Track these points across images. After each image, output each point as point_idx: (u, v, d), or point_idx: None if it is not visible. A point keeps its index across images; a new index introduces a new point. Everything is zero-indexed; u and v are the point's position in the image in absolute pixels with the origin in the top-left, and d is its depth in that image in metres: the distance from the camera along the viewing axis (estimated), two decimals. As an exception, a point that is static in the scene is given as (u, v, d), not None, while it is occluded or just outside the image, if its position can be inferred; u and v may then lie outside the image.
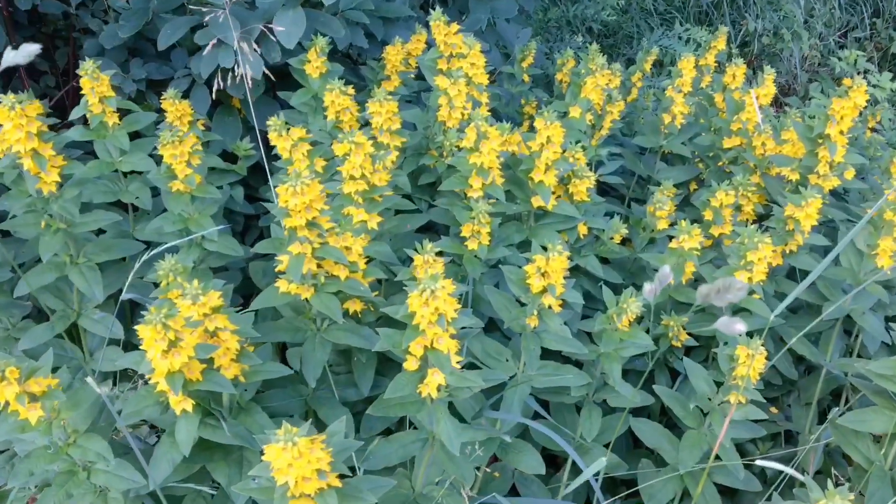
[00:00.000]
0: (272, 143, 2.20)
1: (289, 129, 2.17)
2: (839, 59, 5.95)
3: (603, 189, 3.31)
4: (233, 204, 2.93)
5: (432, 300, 1.59)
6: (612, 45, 6.11)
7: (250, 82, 2.71)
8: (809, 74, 6.20)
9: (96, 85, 2.37)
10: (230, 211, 2.97)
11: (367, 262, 2.09)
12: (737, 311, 2.31)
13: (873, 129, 4.39)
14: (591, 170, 2.89)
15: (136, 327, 1.56)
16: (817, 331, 2.42)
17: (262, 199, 2.90)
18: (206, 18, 2.57)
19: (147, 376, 1.62)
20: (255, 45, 2.66)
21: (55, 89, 3.59)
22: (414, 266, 1.94)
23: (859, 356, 2.51)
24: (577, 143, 2.44)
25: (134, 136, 2.57)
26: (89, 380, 1.48)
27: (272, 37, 2.69)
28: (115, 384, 2.42)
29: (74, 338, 2.48)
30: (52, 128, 2.69)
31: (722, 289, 1.18)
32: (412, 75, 3.09)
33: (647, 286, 1.30)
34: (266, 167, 2.43)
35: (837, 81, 6.03)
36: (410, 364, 1.70)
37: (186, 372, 1.63)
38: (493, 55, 3.80)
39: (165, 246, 2.13)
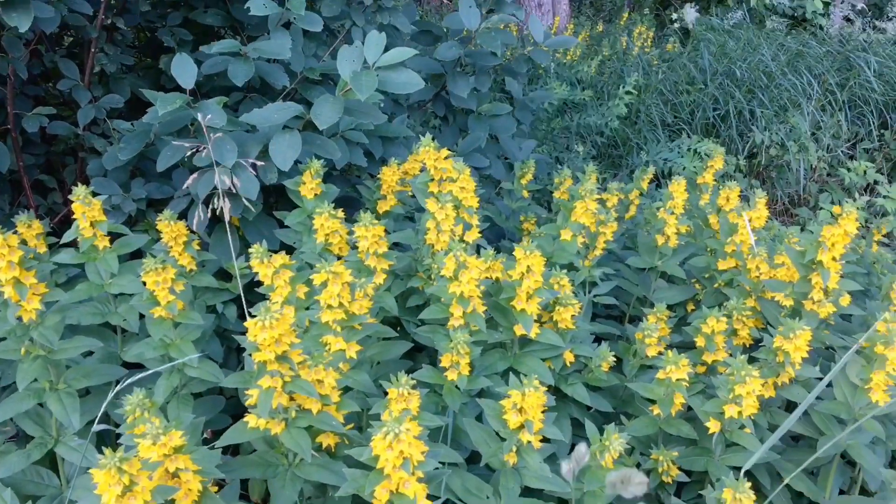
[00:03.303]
0: (254, 270, 2.20)
1: (271, 256, 2.17)
2: (848, 169, 5.96)
3: (602, 307, 3.28)
4: (226, 322, 2.93)
5: (396, 443, 1.55)
6: (619, 155, 6.19)
7: (245, 202, 2.76)
8: (819, 185, 6.21)
9: (87, 210, 2.40)
10: (224, 329, 2.97)
11: (344, 393, 2.05)
12: (729, 445, 2.22)
13: (881, 243, 4.34)
14: (584, 290, 2.87)
15: (90, 470, 1.52)
16: (817, 465, 2.33)
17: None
18: (204, 147, 2.62)
19: (102, 520, 1.57)
20: (251, 167, 2.71)
21: (62, 205, 3.66)
22: (388, 399, 1.90)
23: (862, 490, 2.40)
24: (563, 269, 2.41)
25: (130, 255, 2.61)
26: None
27: (270, 159, 2.74)
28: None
29: (55, 464, 2.44)
30: (51, 247, 2.75)
31: (624, 480, 1.14)
32: (410, 194, 3.12)
33: (564, 465, 1.27)
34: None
35: (847, 192, 6.02)
36: (376, 509, 1.64)
37: (144, 515, 1.58)
38: (496, 168, 3.85)
39: (147, 373, 2.12)
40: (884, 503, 2.21)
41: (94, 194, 2.48)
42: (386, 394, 1.93)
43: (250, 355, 1.84)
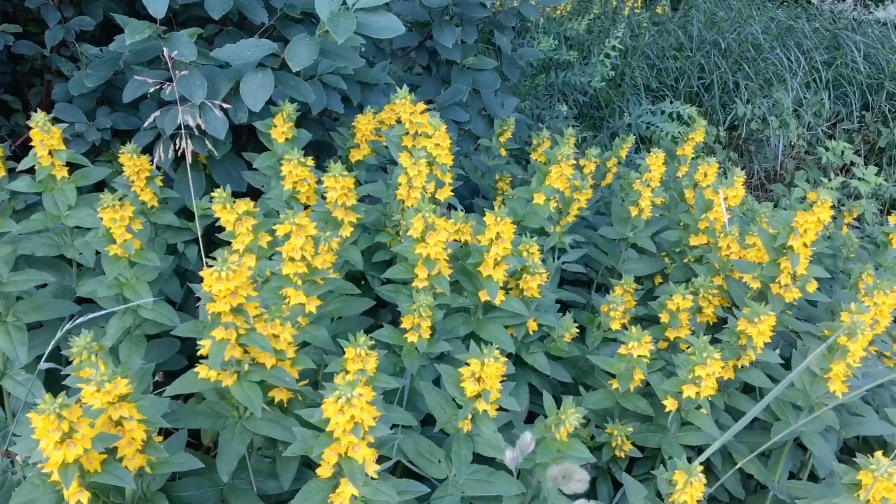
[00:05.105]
0: (216, 216, 2.12)
1: (234, 202, 2.10)
2: (826, 149, 5.95)
3: (571, 273, 3.25)
4: (186, 263, 2.86)
5: (348, 408, 1.52)
6: (601, 117, 6.12)
7: (211, 142, 2.67)
8: (796, 162, 6.20)
9: (46, 137, 2.31)
10: (184, 269, 2.90)
11: (302, 348, 2.00)
12: (684, 423, 2.23)
13: (850, 225, 4.35)
14: (553, 257, 2.83)
15: (27, 415, 1.47)
16: (769, 447, 2.34)
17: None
18: (175, 79, 2.52)
19: (40, 465, 1.53)
20: (221, 105, 2.62)
21: (25, 128, 3.53)
22: (345, 358, 1.86)
23: (811, 475, 2.42)
24: (533, 233, 2.37)
25: (93, 186, 2.53)
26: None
27: (241, 97, 2.64)
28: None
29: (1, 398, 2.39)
30: (11, 171, 2.65)
31: (566, 476, 1.13)
32: (384, 144, 3.04)
33: (508, 454, 1.25)
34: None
35: (824, 171, 6.03)
36: (324, 471, 1.61)
37: (85, 462, 1.54)
38: (476, 124, 3.77)
39: (100, 313, 2.07)
40: (830, 489, 2.23)
41: (56, 121, 2.39)
42: (344, 351, 1.90)
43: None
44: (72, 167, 2.44)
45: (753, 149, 6.10)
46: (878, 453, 1.65)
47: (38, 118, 2.27)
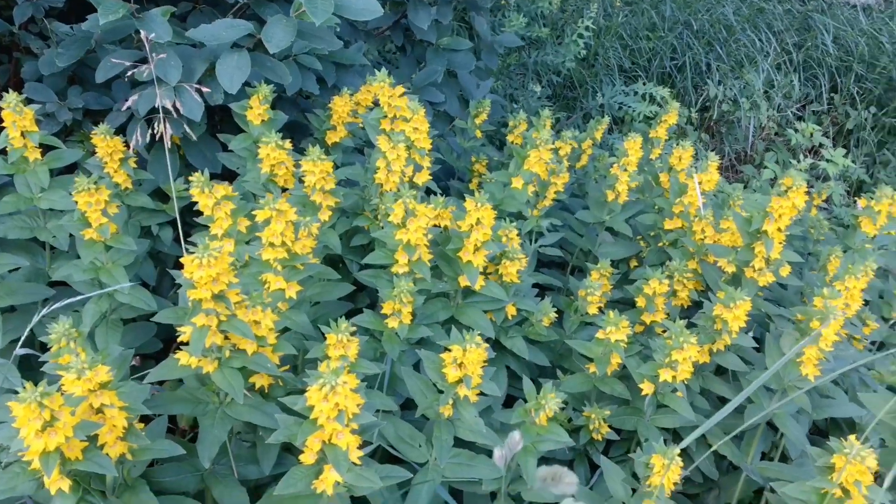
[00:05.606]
0: (194, 199, 2.10)
1: (212, 186, 2.08)
2: (796, 130, 6.02)
3: (546, 255, 3.27)
4: (160, 245, 2.83)
5: (332, 395, 1.52)
6: (574, 97, 6.13)
7: (187, 124, 2.64)
8: (766, 143, 6.27)
9: (18, 119, 2.26)
10: (158, 251, 2.87)
11: (282, 333, 2.00)
12: (660, 406, 2.26)
13: (819, 207, 4.41)
14: (531, 240, 2.85)
15: (7, 404, 1.45)
16: (742, 429, 2.38)
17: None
18: (151, 60, 2.48)
19: (20, 453, 1.51)
20: (196, 87, 2.58)
21: (-8, 106, 3.45)
22: (326, 345, 1.86)
23: (783, 457, 2.48)
24: (511, 221, 2.37)
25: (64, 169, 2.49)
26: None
27: (216, 78, 2.61)
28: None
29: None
30: (-22, 151, 2.60)
31: (554, 477, 1.15)
32: (361, 126, 3.02)
33: (496, 452, 1.28)
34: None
35: (793, 152, 6.10)
36: (307, 457, 1.62)
37: (65, 449, 1.53)
38: (451, 105, 3.75)
39: (76, 298, 2.04)
40: (801, 469, 2.29)
41: (28, 101, 2.34)
42: (324, 336, 1.89)
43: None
44: (44, 148, 2.40)
45: (724, 130, 6.15)
46: (852, 437, 1.69)
47: (11, 99, 2.23)
